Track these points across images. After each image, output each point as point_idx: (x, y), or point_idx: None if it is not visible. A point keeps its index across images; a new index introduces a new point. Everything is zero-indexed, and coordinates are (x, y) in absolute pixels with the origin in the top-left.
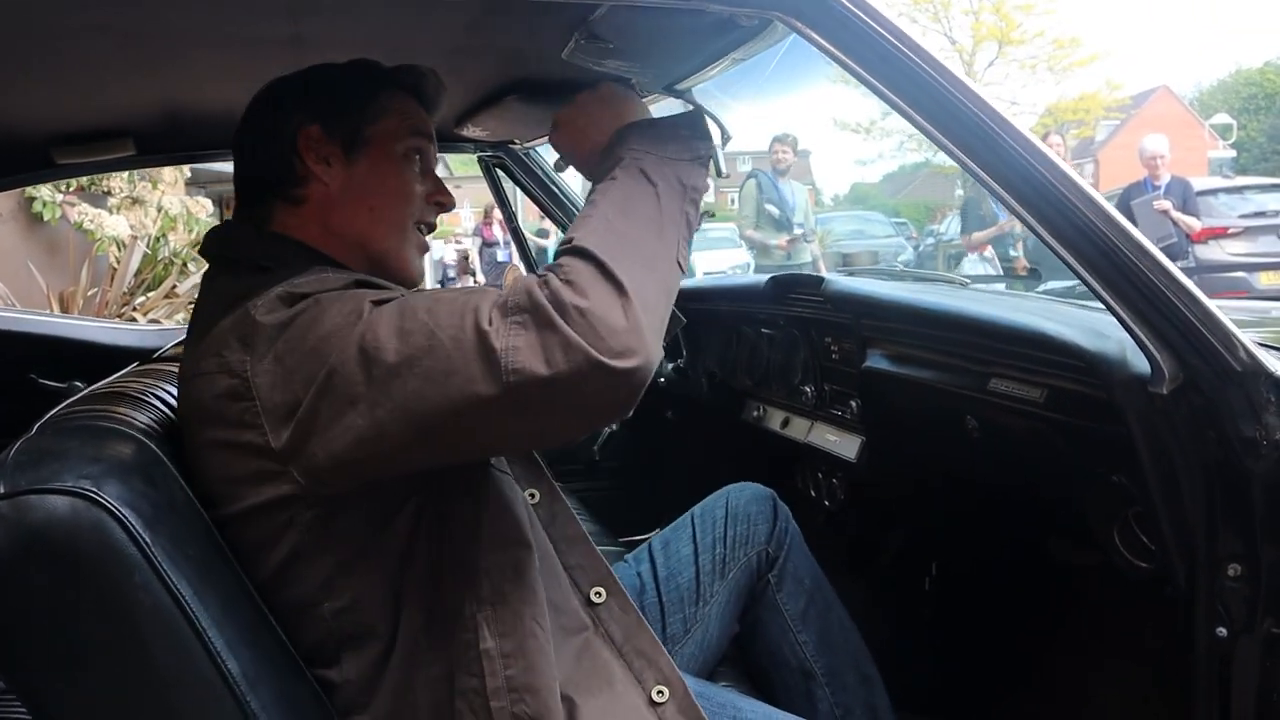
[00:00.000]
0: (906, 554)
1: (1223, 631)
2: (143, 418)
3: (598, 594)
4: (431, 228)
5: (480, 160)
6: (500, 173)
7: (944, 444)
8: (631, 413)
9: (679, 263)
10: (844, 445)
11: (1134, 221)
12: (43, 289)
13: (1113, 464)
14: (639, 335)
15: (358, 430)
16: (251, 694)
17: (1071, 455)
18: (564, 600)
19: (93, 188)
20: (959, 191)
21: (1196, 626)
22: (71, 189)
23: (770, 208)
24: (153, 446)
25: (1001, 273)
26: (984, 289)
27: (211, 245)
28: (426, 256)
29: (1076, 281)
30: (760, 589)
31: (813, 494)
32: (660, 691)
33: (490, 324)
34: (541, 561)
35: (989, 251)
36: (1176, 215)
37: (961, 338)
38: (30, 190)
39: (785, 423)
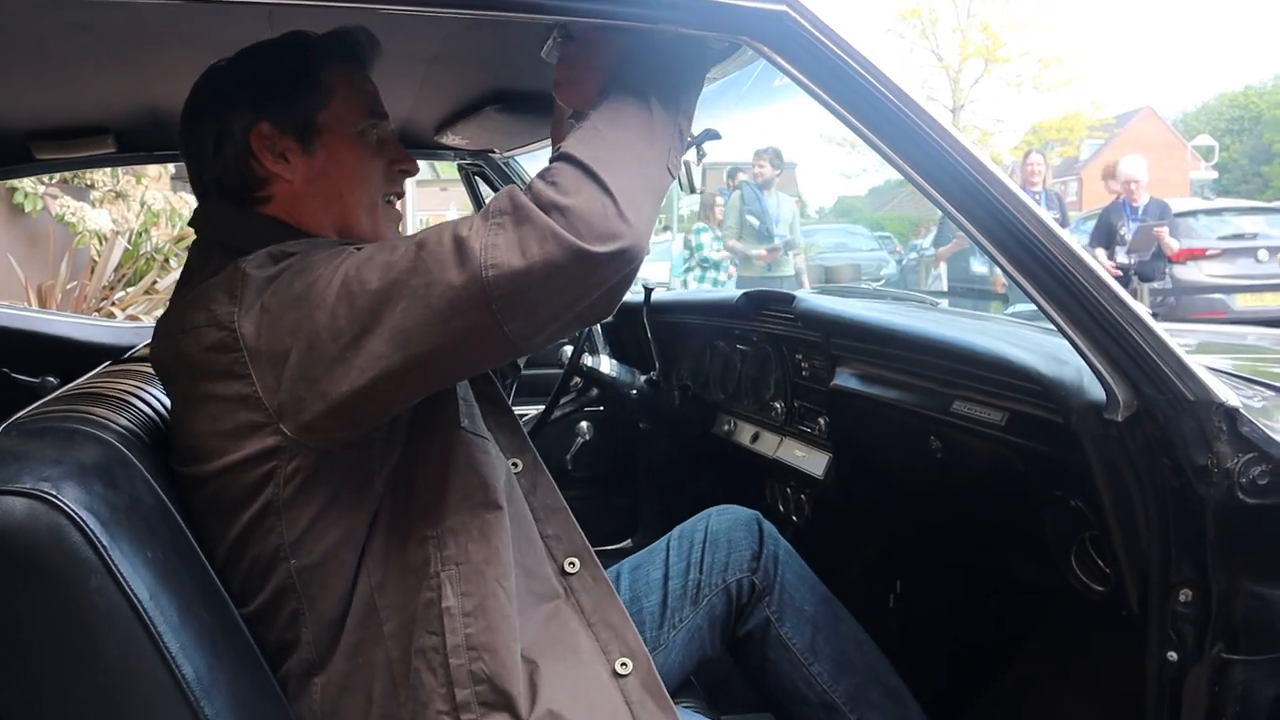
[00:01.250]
0: (872, 571)
1: (1173, 656)
2: (112, 417)
3: (571, 564)
4: (400, 194)
5: (460, 168)
6: (480, 181)
7: (909, 463)
8: (614, 311)
9: (669, 169)
10: (811, 462)
11: (1116, 236)
12: (21, 281)
13: (1070, 488)
14: (623, 221)
15: (348, 365)
16: (206, 700)
17: (1031, 478)
18: (538, 566)
19: (75, 181)
20: None
21: (1148, 650)
22: (54, 181)
23: (750, 218)
24: (119, 447)
25: (947, 288)
26: (952, 310)
27: (199, 227)
28: None
29: None
30: (761, 627)
31: (780, 509)
32: (624, 664)
33: (469, 230)
34: (519, 528)
35: (940, 268)
36: (1166, 239)
37: (927, 359)
38: (12, 181)
39: (755, 437)
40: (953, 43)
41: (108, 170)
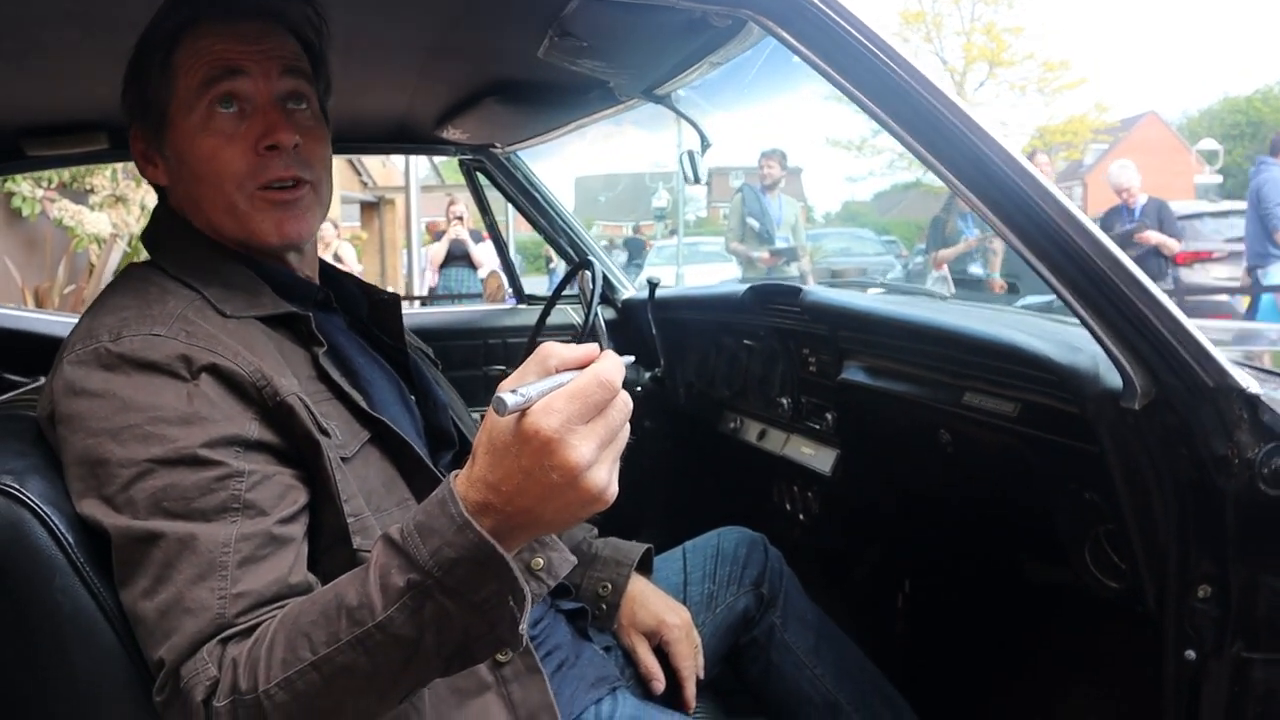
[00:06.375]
0: (880, 569)
1: (1191, 654)
2: None
3: (504, 651)
4: (284, 179)
5: (461, 164)
6: (481, 176)
7: (918, 458)
8: None
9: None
10: (819, 458)
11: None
12: (17, 284)
13: (1085, 480)
14: None
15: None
16: None
17: (1043, 471)
18: None
19: (75, 185)
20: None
21: (1165, 648)
22: (53, 185)
23: (751, 221)
24: None
25: (954, 291)
26: (962, 302)
27: (145, 236)
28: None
29: (1055, 297)
30: (765, 632)
31: (788, 507)
32: None
33: (162, 692)
34: None
35: (944, 270)
36: (1157, 237)
37: (936, 350)
38: (10, 185)
39: (762, 435)
40: (957, 46)
41: (108, 174)
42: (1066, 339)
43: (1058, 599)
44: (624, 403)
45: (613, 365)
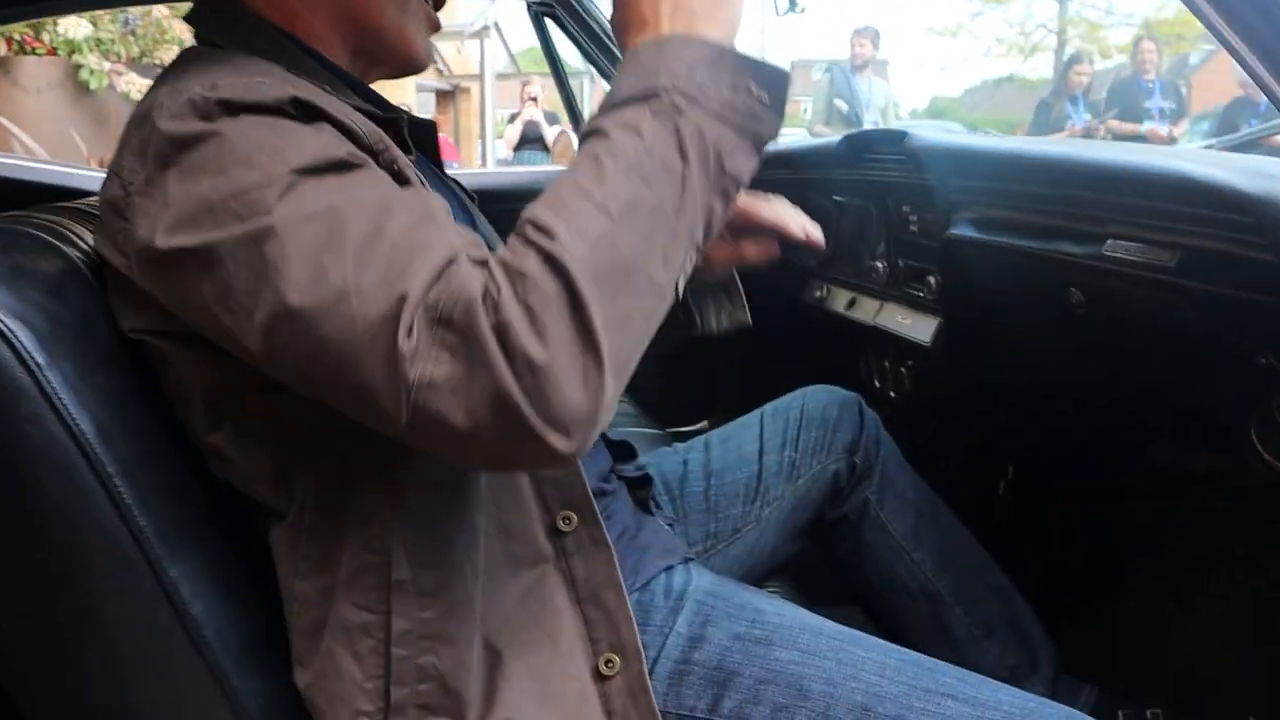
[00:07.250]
0: (980, 453)
1: None
2: (84, 235)
3: (567, 520)
4: (440, 3)
5: (529, 8)
6: (551, 24)
7: (1038, 323)
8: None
9: (677, 290)
10: (917, 328)
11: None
12: (83, 155)
13: (1262, 340)
14: (591, 420)
15: (225, 329)
16: (170, 559)
17: (1205, 331)
18: (522, 523)
19: (143, 59)
20: None
21: None
22: (121, 59)
23: (838, 103)
24: (78, 262)
25: None
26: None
27: (192, 18)
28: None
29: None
30: (857, 508)
31: (877, 384)
32: (610, 662)
33: (410, 336)
34: (502, 475)
35: None
36: None
37: (1073, 193)
38: (77, 58)
39: (851, 303)
40: None
41: (176, 50)
42: (1255, 167)
43: (1195, 490)
44: None
45: None
